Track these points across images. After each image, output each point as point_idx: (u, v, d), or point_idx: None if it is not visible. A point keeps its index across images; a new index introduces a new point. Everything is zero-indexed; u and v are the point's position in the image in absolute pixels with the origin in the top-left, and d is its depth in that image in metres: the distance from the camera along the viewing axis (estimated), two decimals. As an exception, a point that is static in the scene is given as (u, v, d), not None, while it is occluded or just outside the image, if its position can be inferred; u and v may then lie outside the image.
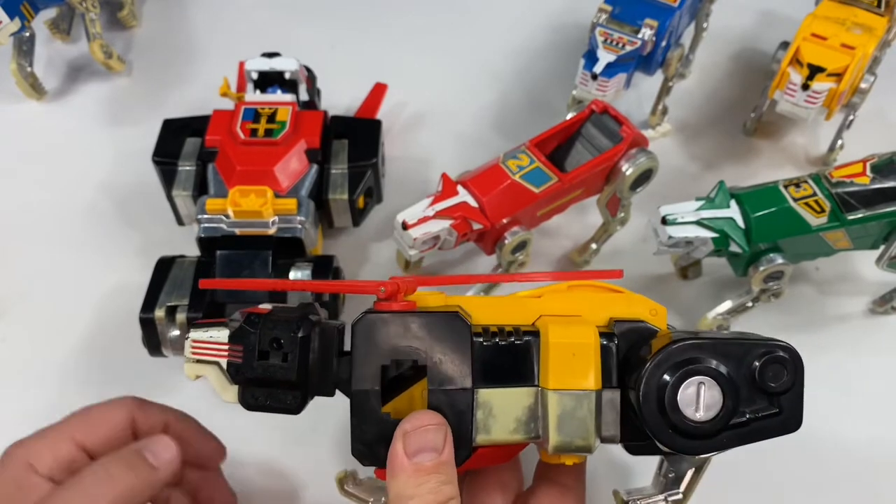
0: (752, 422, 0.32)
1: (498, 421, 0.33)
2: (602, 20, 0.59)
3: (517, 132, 0.63)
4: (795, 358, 0.32)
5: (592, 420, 0.33)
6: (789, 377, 0.32)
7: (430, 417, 0.33)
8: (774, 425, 0.32)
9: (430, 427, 0.32)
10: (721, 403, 0.31)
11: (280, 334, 0.34)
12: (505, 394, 0.34)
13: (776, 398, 0.32)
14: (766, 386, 0.32)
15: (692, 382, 0.31)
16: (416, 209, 0.51)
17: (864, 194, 0.51)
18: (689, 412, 0.31)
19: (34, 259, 0.60)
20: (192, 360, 0.35)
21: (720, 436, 0.32)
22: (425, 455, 0.32)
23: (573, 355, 0.33)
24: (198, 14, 0.78)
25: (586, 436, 0.33)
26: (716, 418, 0.31)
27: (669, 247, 0.51)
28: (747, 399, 0.32)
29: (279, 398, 0.34)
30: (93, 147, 0.67)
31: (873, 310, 0.57)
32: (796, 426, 0.33)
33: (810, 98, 0.55)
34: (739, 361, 0.32)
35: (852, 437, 0.52)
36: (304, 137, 0.56)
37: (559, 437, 0.33)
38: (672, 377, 0.31)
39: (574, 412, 0.33)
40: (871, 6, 0.59)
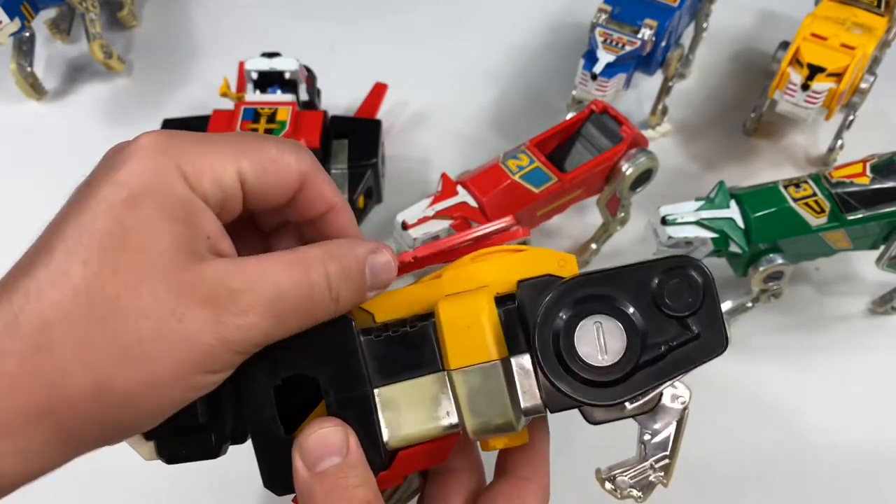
0: (668, 353, 0.28)
1: (407, 417, 0.30)
2: (602, 20, 0.59)
3: (517, 132, 0.63)
4: (699, 270, 0.28)
5: (505, 392, 0.30)
6: (696, 294, 0.28)
7: (322, 422, 0.29)
8: (695, 351, 0.28)
9: (326, 431, 0.29)
10: (624, 340, 0.28)
11: None
12: (408, 387, 0.30)
13: (687, 321, 0.28)
14: (672, 309, 0.28)
15: (587, 324, 0.28)
16: (416, 209, 0.51)
17: (864, 194, 0.51)
18: (594, 358, 0.28)
19: (34, 259, 0.60)
20: None
21: (636, 376, 0.28)
22: (328, 461, 0.28)
23: (468, 328, 0.30)
24: (198, 14, 0.78)
25: (503, 411, 0.30)
26: (623, 359, 0.28)
27: (669, 247, 0.51)
28: (656, 329, 0.28)
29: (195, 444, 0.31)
30: (93, 147, 0.66)
31: (873, 310, 0.57)
32: (720, 346, 0.28)
33: (810, 98, 0.55)
34: (638, 289, 0.28)
35: (852, 437, 0.52)
36: (303, 137, 0.56)
37: (474, 419, 0.30)
38: (563, 322, 0.28)
39: (483, 388, 0.30)
40: (871, 6, 0.59)
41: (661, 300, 0.28)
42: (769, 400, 0.53)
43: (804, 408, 0.53)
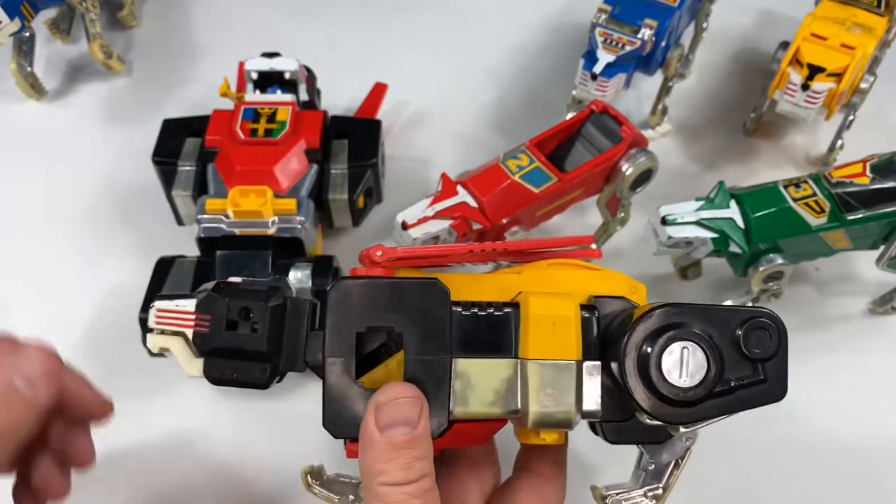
0: (736, 389, 0.31)
1: (476, 392, 0.32)
2: (602, 20, 0.59)
3: (517, 132, 0.63)
4: (779, 324, 0.32)
5: (573, 391, 0.32)
6: (773, 343, 0.32)
7: (404, 389, 0.31)
8: (760, 393, 0.32)
9: (405, 400, 0.31)
10: (706, 368, 0.30)
11: (250, 303, 0.33)
12: (483, 364, 0.33)
13: (761, 365, 0.32)
14: (750, 352, 0.31)
15: (676, 347, 0.30)
16: (416, 209, 0.51)
17: (864, 194, 0.51)
18: (674, 378, 0.30)
19: (34, 259, 0.60)
20: (157, 332, 0.33)
21: (705, 403, 0.31)
22: (398, 429, 0.30)
23: (553, 325, 0.32)
24: (198, 14, 0.78)
25: (567, 408, 0.32)
26: (702, 383, 0.30)
27: (669, 247, 0.51)
28: (732, 366, 0.31)
29: (246, 371, 0.33)
30: (93, 147, 0.67)
31: (873, 310, 0.57)
32: (781, 394, 0.32)
33: (810, 98, 0.55)
34: (722, 327, 0.31)
35: (853, 437, 0.52)
36: (303, 137, 0.56)
37: (539, 409, 0.32)
38: (655, 342, 0.30)
39: (555, 382, 0.32)
40: (871, 6, 0.59)
41: (744, 342, 0.31)
42: (769, 400, 0.53)
43: (804, 408, 0.53)
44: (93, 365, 0.56)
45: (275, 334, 0.33)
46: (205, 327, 0.33)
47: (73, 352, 0.55)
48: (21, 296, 0.58)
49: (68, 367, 0.37)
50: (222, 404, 0.51)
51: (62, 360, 0.35)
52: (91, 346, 0.56)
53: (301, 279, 0.51)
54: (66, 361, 0.37)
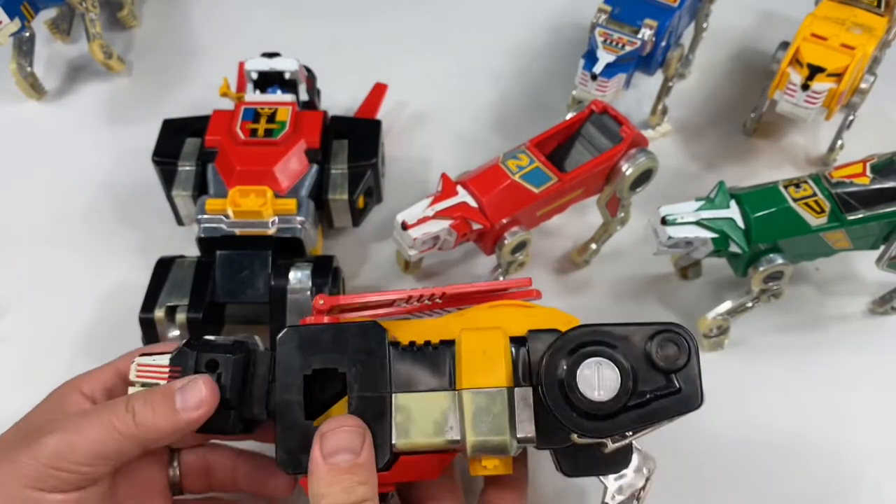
0: (652, 401, 0.33)
1: (416, 424, 0.34)
2: (602, 20, 0.59)
3: (517, 132, 0.63)
4: (687, 336, 0.33)
5: (506, 417, 0.34)
6: (683, 354, 0.33)
7: (346, 419, 0.34)
8: (675, 403, 0.33)
9: (347, 429, 0.33)
10: (619, 381, 0.32)
11: (215, 356, 0.36)
12: (422, 398, 0.35)
13: (674, 376, 0.33)
14: (661, 364, 0.33)
15: (589, 364, 0.32)
16: (416, 209, 0.51)
17: (864, 194, 0.51)
18: (589, 392, 0.32)
19: (34, 259, 0.60)
20: (137, 384, 0.37)
21: (623, 416, 0.32)
22: (341, 456, 0.32)
23: (483, 354, 0.35)
24: (198, 14, 0.78)
25: (501, 434, 0.34)
26: (616, 397, 0.32)
27: (669, 247, 0.51)
28: (645, 379, 0.33)
29: (216, 420, 0.35)
30: (93, 147, 0.67)
31: (873, 310, 0.57)
32: (697, 402, 0.33)
33: (810, 98, 0.55)
34: (633, 343, 0.33)
35: (853, 437, 0.52)
36: (303, 137, 0.56)
37: (475, 437, 0.34)
38: (569, 360, 0.32)
39: (488, 409, 0.34)
40: (871, 6, 0.59)
41: (653, 356, 0.33)
42: (769, 400, 0.53)
43: (804, 408, 0.53)
44: (93, 365, 0.56)
45: (238, 385, 0.36)
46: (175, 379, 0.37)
47: (73, 352, 0.55)
48: (21, 296, 0.58)
49: None
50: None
51: None
52: (91, 346, 0.56)
53: (301, 279, 0.51)
54: None
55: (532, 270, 0.59)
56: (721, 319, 0.54)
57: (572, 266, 0.60)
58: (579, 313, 0.57)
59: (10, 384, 0.54)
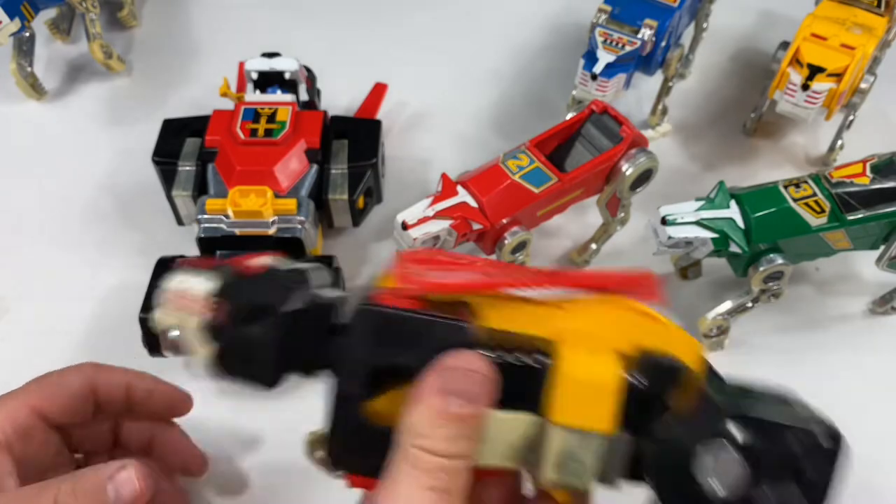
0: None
1: (490, 445, 0.29)
2: (602, 20, 0.59)
3: (517, 132, 0.63)
4: (840, 448, 0.28)
5: (597, 465, 0.29)
6: (828, 469, 0.28)
7: (479, 362, 0.28)
8: None
9: (475, 374, 0.28)
10: (745, 480, 0.27)
11: (273, 300, 0.30)
12: (502, 417, 0.29)
13: (807, 489, 0.27)
14: (799, 468, 0.28)
15: (716, 444, 0.27)
16: (416, 209, 0.51)
17: (864, 195, 0.51)
18: (702, 478, 0.27)
19: (34, 259, 0.60)
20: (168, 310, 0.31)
21: None
22: (457, 399, 0.27)
23: (588, 388, 0.28)
24: (198, 14, 0.78)
25: (587, 478, 0.29)
26: (733, 498, 0.27)
27: (669, 247, 0.51)
28: (774, 477, 0.27)
29: (254, 370, 0.31)
30: (93, 147, 0.67)
31: (873, 310, 0.57)
32: None
33: (810, 98, 0.55)
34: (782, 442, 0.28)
35: (852, 437, 0.51)
36: (303, 137, 0.56)
37: (555, 475, 0.29)
38: (698, 447, 0.27)
39: (578, 453, 0.28)
40: (871, 6, 0.59)
41: (803, 470, 0.27)
42: (769, 400, 0.53)
43: (804, 408, 0.53)
44: (93, 365, 0.56)
45: (291, 336, 0.30)
46: (220, 317, 0.30)
47: (73, 352, 0.55)
48: (21, 296, 0.58)
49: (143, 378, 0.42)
50: (222, 404, 0.51)
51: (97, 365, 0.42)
52: (91, 345, 0.56)
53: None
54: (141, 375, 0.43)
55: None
56: (721, 319, 0.54)
57: (572, 266, 0.60)
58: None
59: (10, 384, 0.54)
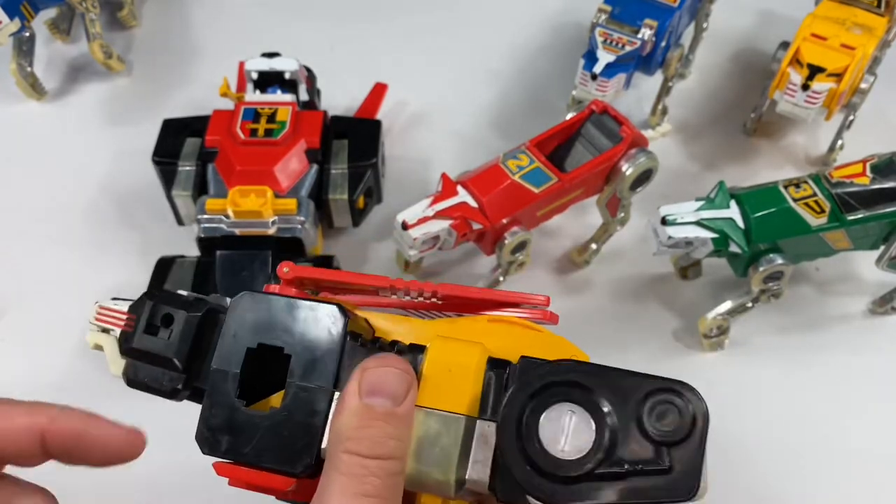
0: (630, 475, 0.25)
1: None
2: (602, 20, 0.59)
3: (517, 132, 0.63)
4: (697, 403, 0.26)
5: (457, 451, 0.27)
6: (684, 424, 0.25)
7: (395, 360, 0.28)
8: (659, 486, 0.25)
9: (394, 371, 0.28)
10: (593, 439, 0.25)
11: (172, 311, 0.32)
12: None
13: (666, 450, 0.25)
14: (652, 430, 0.25)
15: (559, 410, 0.26)
16: (416, 209, 0.51)
17: (864, 195, 0.51)
18: (551, 445, 0.25)
19: (34, 259, 0.60)
20: (94, 328, 0.34)
21: (588, 484, 0.25)
22: (380, 399, 0.27)
23: (449, 371, 0.28)
24: (198, 14, 0.78)
25: (446, 469, 0.27)
26: (584, 458, 0.25)
27: (669, 247, 0.51)
28: (629, 445, 0.25)
29: (158, 378, 0.32)
30: (93, 147, 0.67)
31: (873, 310, 0.57)
32: (687, 492, 0.25)
33: (810, 98, 0.55)
34: (626, 396, 0.26)
35: (852, 437, 0.52)
36: (303, 137, 0.56)
37: (415, 465, 0.27)
38: (538, 399, 0.26)
39: (438, 438, 0.27)
40: (871, 6, 0.59)
41: (644, 418, 0.26)
42: (769, 400, 0.53)
43: (804, 408, 0.53)
44: (91, 365, 0.56)
45: (187, 345, 0.32)
46: (130, 328, 0.32)
47: (73, 352, 0.55)
48: (21, 296, 0.58)
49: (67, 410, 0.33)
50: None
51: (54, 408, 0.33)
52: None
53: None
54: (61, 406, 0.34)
55: (532, 270, 0.59)
56: (721, 319, 0.54)
57: (572, 266, 0.60)
58: (579, 313, 0.58)
59: (9, 384, 0.54)
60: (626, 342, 0.56)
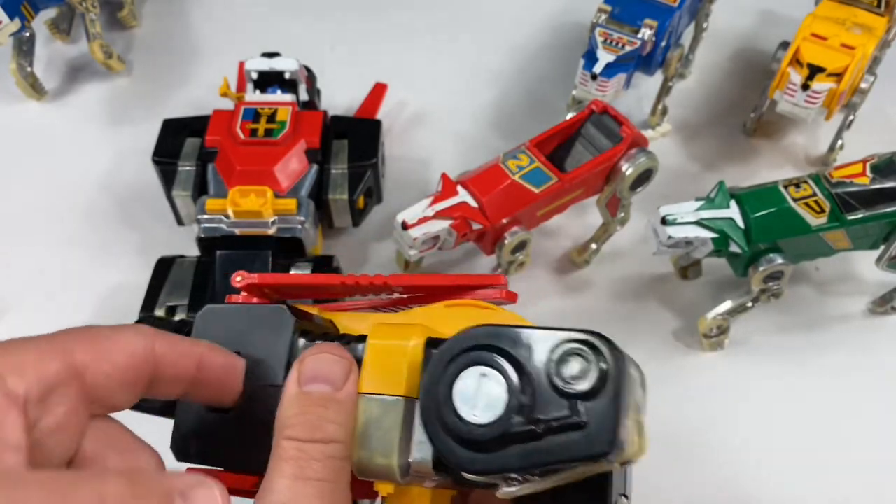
0: (546, 434, 0.24)
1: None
2: (602, 20, 0.59)
3: (517, 132, 0.63)
4: (611, 351, 0.24)
5: (398, 433, 0.27)
6: (596, 376, 0.24)
7: (331, 346, 0.28)
8: (575, 443, 0.24)
9: (330, 356, 0.28)
10: (505, 400, 0.24)
11: None
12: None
13: (581, 405, 0.24)
14: (562, 384, 0.24)
15: (472, 375, 0.25)
16: (416, 209, 0.51)
17: (864, 194, 0.51)
18: (466, 411, 0.25)
19: (34, 259, 0.60)
20: None
21: (507, 449, 0.24)
22: (318, 385, 0.27)
23: (388, 355, 0.28)
24: (198, 14, 0.78)
25: (389, 453, 0.27)
26: (498, 420, 0.24)
27: (669, 247, 0.51)
28: (545, 404, 0.24)
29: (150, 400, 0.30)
30: (93, 147, 0.67)
31: (873, 310, 0.57)
32: (602, 447, 0.23)
33: (810, 98, 0.55)
34: (536, 353, 0.25)
35: (852, 437, 0.52)
36: (303, 137, 0.56)
37: (360, 452, 0.27)
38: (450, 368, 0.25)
39: (380, 422, 0.27)
40: (871, 6, 0.59)
41: (554, 371, 0.24)
42: (769, 400, 0.53)
43: (804, 408, 0.53)
44: (93, 365, 0.56)
45: None
46: None
47: (73, 352, 0.55)
48: (21, 296, 0.58)
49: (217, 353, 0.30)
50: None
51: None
52: (91, 346, 0.56)
53: (301, 279, 0.51)
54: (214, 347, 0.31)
55: (532, 270, 0.59)
56: (721, 319, 0.54)
57: (572, 266, 0.60)
58: (579, 313, 0.58)
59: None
60: (626, 342, 0.55)
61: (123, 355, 0.26)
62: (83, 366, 0.25)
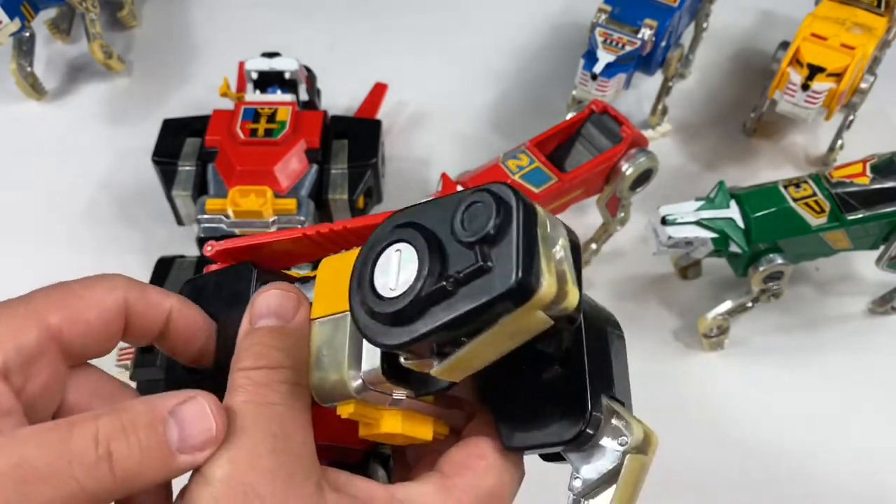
0: (458, 287, 0.23)
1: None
2: (602, 20, 0.59)
3: (517, 132, 0.63)
4: (505, 194, 0.24)
5: (346, 346, 0.26)
6: (495, 218, 0.23)
7: (280, 284, 0.28)
8: (484, 286, 0.23)
9: (277, 292, 0.28)
10: (416, 270, 0.24)
11: None
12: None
13: (485, 250, 0.23)
14: (465, 234, 0.23)
15: (387, 254, 0.25)
16: (416, 209, 0.50)
17: (864, 194, 0.51)
18: (385, 288, 0.24)
19: (34, 259, 0.60)
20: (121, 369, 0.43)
21: (428, 314, 0.23)
22: (267, 319, 0.27)
23: (334, 277, 0.28)
24: (198, 14, 0.78)
25: (340, 367, 0.26)
26: (412, 285, 0.24)
27: (669, 247, 0.51)
28: (455, 259, 0.24)
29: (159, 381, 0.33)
30: (93, 147, 0.67)
31: (873, 310, 0.57)
32: (507, 283, 0.22)
33: (810, 98, 0.55)
34: (444, 217, 0.24)
35: (852, 437, 0.52)
36: (303, 137, 0.56)
37: (316, 374, 0.27)
38: (369, 255, 0.25)
39: (332, 341, 0.27)
40: (871, 6, 0.59)
41: (457, 226, 0.24)
42: (769, 399, 0.53)
43: (804, 408, 0.53)
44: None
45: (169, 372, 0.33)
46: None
47: (73, 352, 0.55)
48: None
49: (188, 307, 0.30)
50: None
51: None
52: (91, 346, 0.56)
53: (301, 279, 0.51)
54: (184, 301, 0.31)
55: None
56: (721, 319, 0.54)
57: (572, 266, 0.60)
58: (579, 313, 0.58)
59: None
60: (627, 342, 0.56)
61: (96, 312, 0.27)
62: (58, 329, 0.27)
